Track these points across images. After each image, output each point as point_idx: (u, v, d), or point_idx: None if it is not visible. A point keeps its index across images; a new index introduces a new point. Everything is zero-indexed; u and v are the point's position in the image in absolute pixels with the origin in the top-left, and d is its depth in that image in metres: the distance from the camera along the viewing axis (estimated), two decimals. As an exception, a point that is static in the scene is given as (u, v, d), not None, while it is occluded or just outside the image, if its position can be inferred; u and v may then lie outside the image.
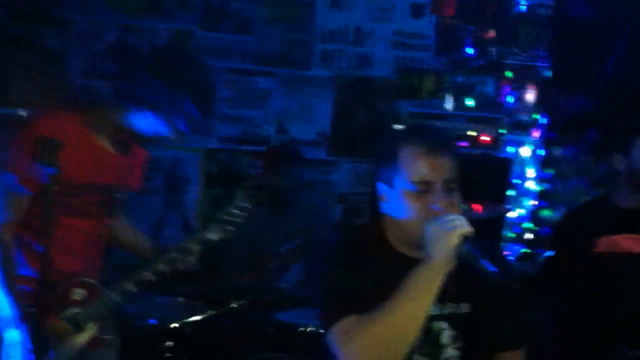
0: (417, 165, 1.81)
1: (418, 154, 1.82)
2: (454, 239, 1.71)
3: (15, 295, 2.28)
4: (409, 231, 1.84)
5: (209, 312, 3.10)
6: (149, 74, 2.30)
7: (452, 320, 1.89)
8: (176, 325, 3.03)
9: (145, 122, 2.35)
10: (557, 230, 2.99)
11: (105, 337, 2.52)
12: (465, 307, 1.91)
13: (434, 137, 1.89)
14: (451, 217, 1.76)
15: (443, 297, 1.81)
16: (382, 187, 1.91)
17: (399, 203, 1.85)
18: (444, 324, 1.88)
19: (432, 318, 1.84)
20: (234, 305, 3.13)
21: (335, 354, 1.79)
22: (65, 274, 2.36)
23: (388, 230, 1.92)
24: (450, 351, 1.89)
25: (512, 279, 1.90)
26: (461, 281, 1.85)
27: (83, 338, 2.42)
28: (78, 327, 2.40)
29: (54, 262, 2.06)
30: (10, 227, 2.33)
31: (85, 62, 4.23)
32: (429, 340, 1.86)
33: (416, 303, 1.73)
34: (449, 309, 1.88)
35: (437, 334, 1.88)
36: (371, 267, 1.86)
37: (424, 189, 1.80)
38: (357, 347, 1.73)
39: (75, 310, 2.39)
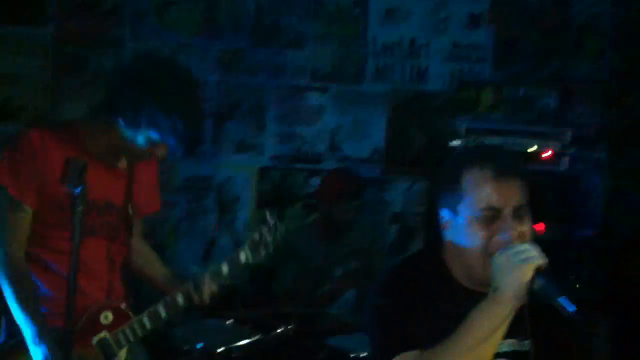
0: (483, 191, 1.70)
1: (484, 178, 1.70)
2: (527, 273, 1.59)
3: (33, 316, 2.22)
4: (473, 263, 1.72)
5: (257, 336, 3.01)
6: (134, 88, 2.21)
7: (514, 357, 1.76)
8: (223, 349, 2.95)
9: (141, 137, 2.24)
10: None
11: None
12: (527, 345, 1.76)
13: (502, 159, 1.77)
14: (524, 247, 1.63)
15: (507, 332, 1.69)
16: (444, 213, 1.79)
17: (463, 232, 1.73)
18: None
19: (496, 356, 1.72)
20: (281, 329, 3.04)
21: None
22: (86, 296, 2.28)
23: (450, 260, 1.80)
24: None
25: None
26: (526, 315, 1.70)
27: None
28: (108, 353, 2.34)
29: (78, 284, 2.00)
30: (19, 245, 2.28)
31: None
32: None
33: (482, 341, 1.62)
34: (512, 345, 1.75)
35: None
36: (430, 301, 1.74)
37: (491, 215, 1.68)
38: None
39: (104, 335, 2.33)
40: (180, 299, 2.40)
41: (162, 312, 2.38)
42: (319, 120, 4.47)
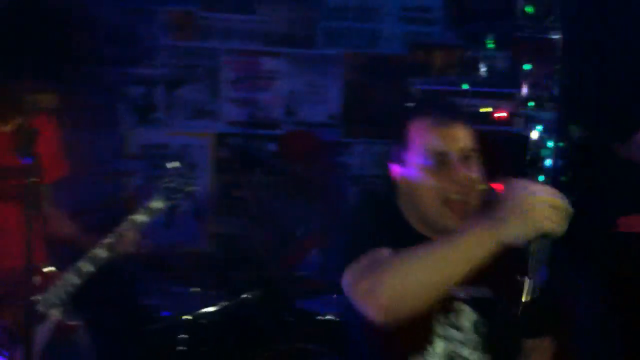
0: (428, 137, 1.73)
1: (428, 126, 1.74)
2: (543, 226, 1.45)
3: None
4: (427, 210, 1.75)
5: (223, 302, 3.02)
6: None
7: (475, 303, 1.78)
8: (190, 317, 2.95)
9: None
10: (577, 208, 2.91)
11: (72, 323, 2.46)
12: (485, 291, 1.78)
13: (444, 107, 1.82)
14: (552, 192, 1.49)
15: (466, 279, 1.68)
16: (396, 167, 1.83)
17: (415, 181, 1.76)
18: (465, 306, 1.77)
19: (454, 299, 1.75)
20: (248, 295, 3.05)
21: (357, 303, 1.61)
22: (9, 260, 2.27)
23: (406, 210, 1.82)
24: (471, 335, 1.78)
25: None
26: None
27: (48, 327, 2.36)
28: (40, 316, 2.33)
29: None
30: None
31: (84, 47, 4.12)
32: (450, 322, 1.76)
33: (460, 261, 1.51)
34: (471, 291, 1.77)
35: (457, 316, 1.77)
36: (393, 244, 1.70)
37: (439, 160, 1.72)
38: (380, 291, 1.53)
39: (34, 298, 2.27)
40: (102, 252, 2.42)
41: (88, 267, 2.40)
42: (274, 85, 4.44)
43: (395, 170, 1.82)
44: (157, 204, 2.57)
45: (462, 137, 1.73)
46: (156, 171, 4.15)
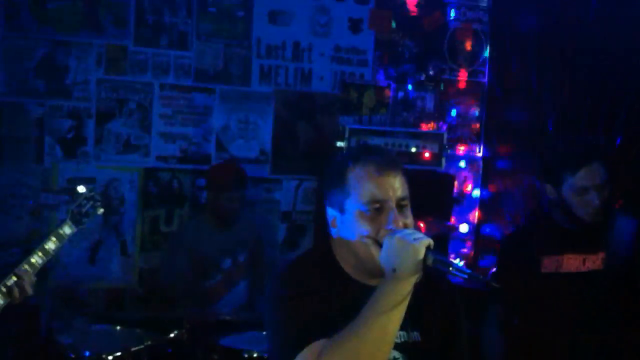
0: (367, 185, 1.78)
1: (368, 174, 1.80)
2: (420, 249, 1.66)
3: None
4: (363, 256, 1.79)
5: (148, 341, 2.96)
6: None
7: (404, 348, 1.83)
8: (111, 357, 2.88)
9: None
10: (504, 249, 2.99)
11: None
12: (415, 336, 1.86)
13: (382, 156, 1.87)
14: (410, 230, 1.74)
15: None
16: (331, 212, 1.86)
17: (351, 227, 1.80)
18: (396, 353, 1.82)
19: None
20: (174, 333, 3.00)
21: None
22: None
23: (340, 256, 1.87)
24: None
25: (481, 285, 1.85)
26: (412, 306, 1.77)
27: None
28: None
29: None
30: None
31: (13, 78, 4.07)
32: None
33: (388, 317, 1.66)
34: (401, 336, 1.83)
35: None
36: (326, 294, 1.79)
37: (376, 208, 1.77)
38: None
39: None
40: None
41: None
42: (206, 120, 4.45)
43: (332, 215, 1.86)
44: (66, 229, 2.55)
45: (399, 186, 1.79)
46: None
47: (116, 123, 4.28)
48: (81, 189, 2.64)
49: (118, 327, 3.16)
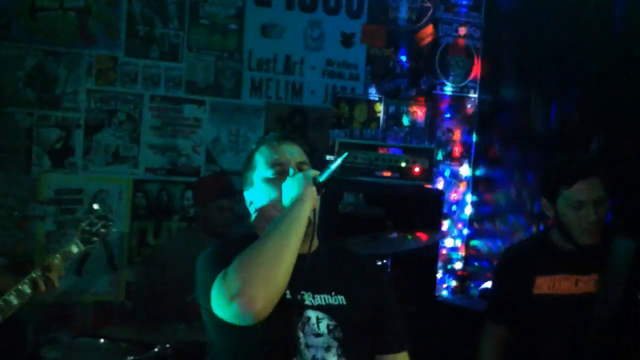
0: (269, 153, 2.02)
1: (269, 145, 2.04)
2: (307, 172, 1.89)
3: None
4: (273, 215, 1.93)
5: (131, 357, 2.92)
6: None
7: (328, 310, 1.93)
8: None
9: None
10: (499, 268, 2.98)
11: None
12: (340, 299, 1.97)
13: (280, 132, 2.16)
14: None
15: (318, 288, 1.93)
16: (247, 196, 2.08)
17: (261, 194, 2.00)
18: (320, 314, 1.92)
19: (308, 307, 1.91)
20: (159, 348, 2.96)
21: (227, 311, 1.76)
22: None
23: (257, 228, 2.01)
24: (329, 340, 1.91)
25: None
26: (335, 273, 1.99)
27: None
28: None
29: None
30: None
31: (3, 87, 4.04)
32: (307, 328, 1.89)
33: (288, 227, 1.80)
34: (324, 300, 1.94)
35: (315, 323, 1.91)
36: None
37: (279, 171, 1.97)
38: (235, 280, 1.73)
39: None
40: (13, 299, 2.33)
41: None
42: (196, 132, 4.43)
43: (247, 196, 2.06)
44: (73, 247, 2.46)
45: (297, 153, 2.02)
46: (70, 216, 4.09)
47: (105, 134, 4.25)
48: (96, 206, 2.54)
49: (102, 342, 3.11)
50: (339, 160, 1.87)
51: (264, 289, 1.71)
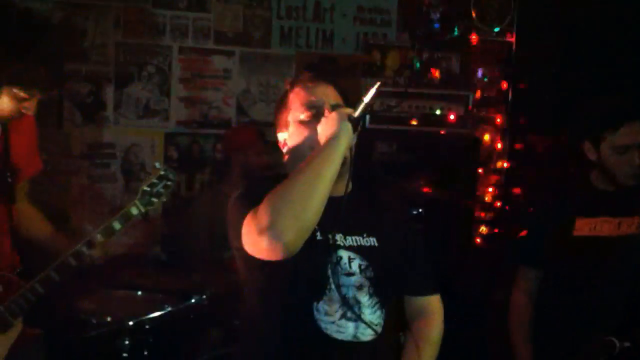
0: (304, 95, 1.98)
1: (304, 86, 2.00)
2: (343, 112, 1.85)
3: None
4: (307, 156, 1.88)
5: (169, 307, 2.94)
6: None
7: (360, 251, 1.95)
8: (134, 321, 2.86)
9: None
10: (536, 210, 2.91)
11: (33, 331, 2.39)
12: (372, 241, 1.98)
13: (314, 73, 2.07)
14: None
15: (350, 229, 1.94)
16: (280, 135, 2.05)
17: (297, 135, 1.98)
18: (352, 254, 1.93)
19: (340, 247, 1.92)
20: (195, 299, 2.97)
21: (258, 248, 1.76)
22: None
23: (289, 168, 1.97)
24: (361, 279, 1.93)
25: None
26: (368, 215, 2.00)
27: (10, 336, 2.30)
28: (4, 324, 2.28)
29: None
30: None
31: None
32: (338, 268, 1.90)
33: (321, 162, 1.77)
34: (356, 241, 1.96)
35: (347, 263, 1.92)
36: None
37: (313, 113, 1.94)
38: (265, 213, 1.72)
39: None
40: (71, 261, 2.32)
41: (54, 276, 2.31)
42: (226, 84, 4.38)
43: (281, 137, 2.04)
44: (133, 209, 2.41)
45: (331, 93, 1.99)
46: (103, 171, 4.09)
47: (135, 87, 4.23)
48: (158, 165, 2.47)
49: (139, 293, 3.14)
50: (372, 91, 1.83)
51: (294, 223, 1.70)
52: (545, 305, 2.70)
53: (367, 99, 1.83)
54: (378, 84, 1.84)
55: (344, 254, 1.92)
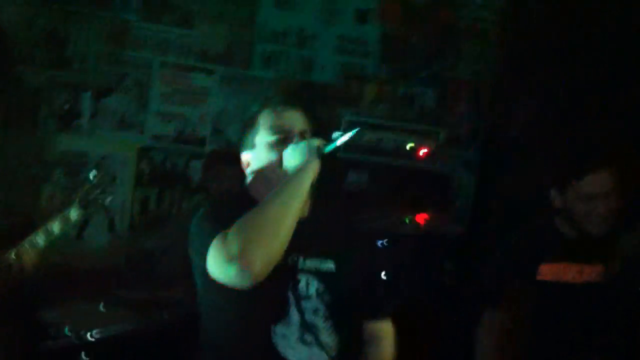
0: (273, 118, 2.02)
1: (274, 110, 2.04)
2: (312, 142, 1.91)
3: None
4: (273, 178, 1.94)
5: (130, 322, 2.94)
6: None
7: (318, 274, 1.99)
8: (95, 335, 2.87)
9: None
10: (501, 254, 2.96)
11: None
12: (330, 265, 2.02)
13: (285, 97, 2.14)
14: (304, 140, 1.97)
15: (308, 252, 1.97)
16: (245, 156, 2.08)
17: (262, 157, 2.02)
18: (310, 277, 1.98)
19: (299, 270, 1.97)
20: (157, 315, 2.98)
21: (223, 274, 1.78)
22: None
23: (254, 191, 2.03)
24: (318, 303, 1.97)
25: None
26: (327, 239, 2.03)
27: None
28: None
29: None
30: None
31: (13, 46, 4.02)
32: (297, 291, 1.95)
33: (290, 195, 1.82)
34: (314, 263, 1.99)
35: (304, 286, 1.96)
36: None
37: (282, 138, 1.98)
38: (235, 242, 1.74)
39: None
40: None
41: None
42: (204, 102, 4.41)
43: (246, 157, 2.07)
44: (72, 213, 2.49)
45: (301, 119, 2.04)
46: (73, 179, 4.09)
47: (113, 98, 4.24)
48: (93, 173, 2.54)
49: (102, 306, 3.14)
50: (348, 136, 1.87)
51: (263, 253, 1.74)
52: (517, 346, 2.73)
53: (341, 140, 1.88)
54: (357, 129, 1.90)
55: (303, 277, 1.97)
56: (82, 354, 2.85)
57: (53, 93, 4.12)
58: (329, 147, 1.88)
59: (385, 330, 2.14)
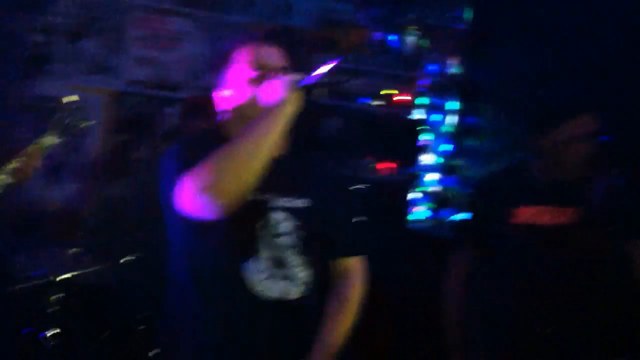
0: (250, 54, 1.98)
1: (250, 46, 2.00)
2: (293, 78, 1.84)
3: None
4: (250, 114, 1.89)
5: (100, 265, 2.96)
6: None
7: (292, 211, 1.99)
8: (63, 277, 2.88)
9: None
10: (476, 195, 2.95)
11: None
12: (304, 202, 2.02)
13: (263, 33, 2.12)
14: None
15: (282, 190, 1.96)
16: (218, 93, 2.02)
17: (238, 94, 1.97)
18: (284, 214, 1.97)
19: (272, 208, 1.95)
20: (126, 258, 3.00)
21: (194, 207, 1.78)
22: None
23: (225, 128, 1.99)
24: (292, 239, 1.97)
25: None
26: (299, 176, 2.03)
27: None
28: None
29: None
30: None
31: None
32: (268, 229, 1.94)
33: (265, 131, 1.80)
34: (287, 201, 1.99)
35: (278, 223, 1.96)
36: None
37: (262, 73, 1.94)
38: (207, 173, 1.74)
39: None
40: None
41: None
42: (180, 46, 4.34)
43: (218, 95, 2.01)
44: (50, 139, 2.46)
45: (280, 56, 2.00)
46: (45, 124, 4.05)
47: (87, 43, 4.17)
48: (67, 99, 2.53)
49: (71, 250, 3.15)
50: (327, 67, 1.83)
51: (234, 184, 1.74)
52: (482, 290, 2.76)
53: (319, 72, 1.84)
54: (335, 62, 1.85)
55: (276, 215, 1.96)
56: (51, 296, 2.87)
57: (25, 36, 4.05)
58: (309, 81, 1.83)
59: (356, 267, 2.16)
